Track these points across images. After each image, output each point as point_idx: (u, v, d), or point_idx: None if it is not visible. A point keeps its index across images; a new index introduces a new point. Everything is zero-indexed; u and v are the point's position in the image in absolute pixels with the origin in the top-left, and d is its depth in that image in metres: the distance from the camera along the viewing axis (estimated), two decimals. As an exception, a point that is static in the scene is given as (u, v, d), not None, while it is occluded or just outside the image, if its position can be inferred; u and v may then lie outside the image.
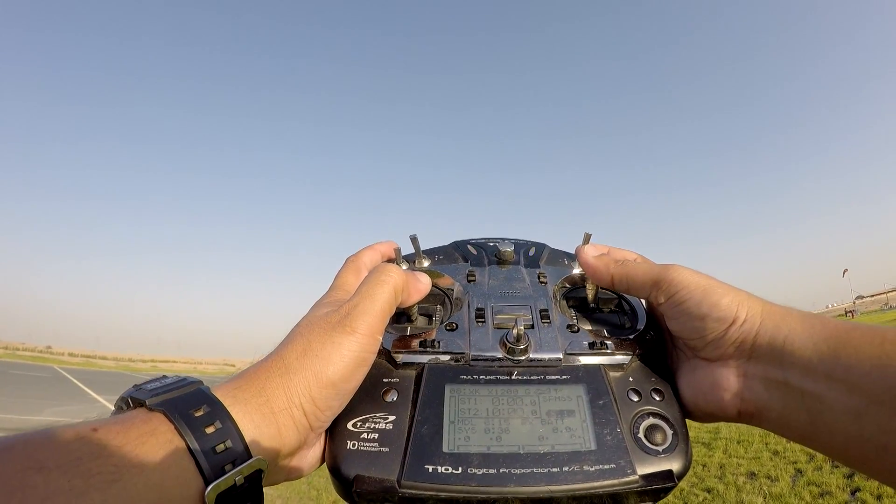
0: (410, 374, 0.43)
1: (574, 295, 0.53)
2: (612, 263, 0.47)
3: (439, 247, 0.57)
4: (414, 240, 0.52)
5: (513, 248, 0.54)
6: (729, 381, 0.41)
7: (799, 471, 4.27)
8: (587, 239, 0.52)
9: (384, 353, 0.44)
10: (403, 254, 0.53)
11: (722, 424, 5.58)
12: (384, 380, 0.43)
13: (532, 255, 0.56)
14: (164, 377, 0.36)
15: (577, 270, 0.54)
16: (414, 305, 0.47)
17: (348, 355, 0.37)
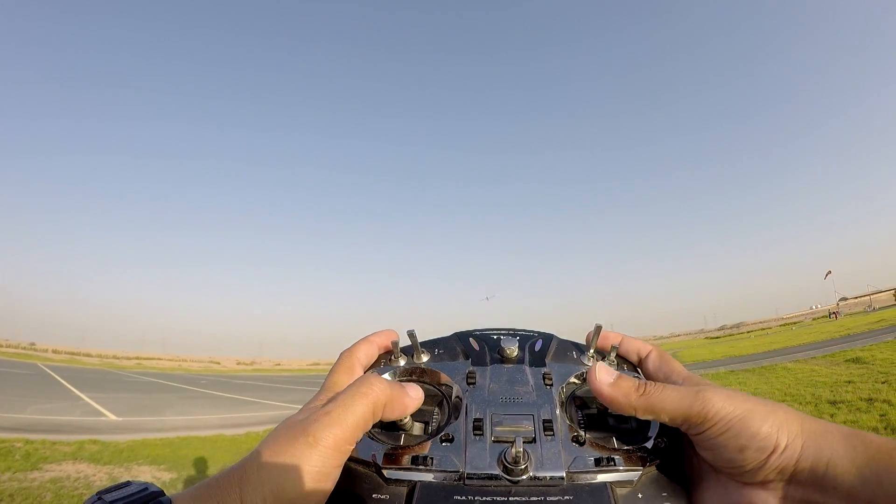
0: (402, 490, 0.40)
1: (581, 394, 0.49)
2: (632, 394, 0.42)
3: (440, 338, 0.54)
4: (411, 336, 0.49)
5: (517, 343, 0.50)
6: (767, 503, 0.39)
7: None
8: (598, 331, 0.49)
9: (374, 467, 0.41)
10: (402, 345, 0.50)
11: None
12: (374, 496, 0.40)
13: (538, 350, 0.52)
14: (128, 484, 0.35)
15: (586, 365, 0.50)
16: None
17: (308, 470, 0.35)
